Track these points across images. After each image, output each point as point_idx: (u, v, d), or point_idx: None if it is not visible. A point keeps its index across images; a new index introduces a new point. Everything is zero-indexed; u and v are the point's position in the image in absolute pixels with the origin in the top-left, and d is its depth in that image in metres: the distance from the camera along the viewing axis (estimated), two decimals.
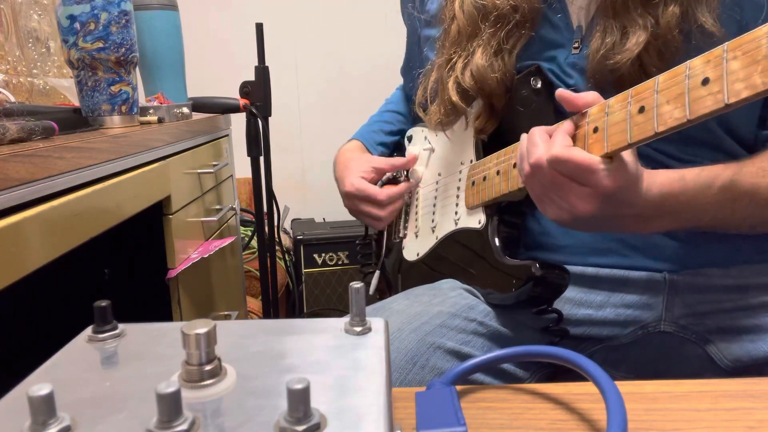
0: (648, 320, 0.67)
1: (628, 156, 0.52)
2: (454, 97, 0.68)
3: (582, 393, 0.42)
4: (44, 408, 0.23)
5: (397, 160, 0.86)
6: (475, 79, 0.66)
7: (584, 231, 0.60)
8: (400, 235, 0.90)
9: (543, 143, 0.54)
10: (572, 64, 0.65)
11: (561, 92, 0.56)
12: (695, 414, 0.40)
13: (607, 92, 0.54)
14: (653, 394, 0.43)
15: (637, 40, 0.57)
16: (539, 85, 0.65)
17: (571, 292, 0.66)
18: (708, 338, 0.66)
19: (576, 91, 0.59)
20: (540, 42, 0.66)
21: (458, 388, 0.43)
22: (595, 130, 0.52)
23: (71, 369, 0.30)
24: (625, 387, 0.42)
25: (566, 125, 0.55)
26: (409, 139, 0.92)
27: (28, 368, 0.30)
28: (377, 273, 0.96)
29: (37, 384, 0.23)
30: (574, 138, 0.54)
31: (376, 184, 0.85)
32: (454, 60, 0.69)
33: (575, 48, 0.65)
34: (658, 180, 0.55)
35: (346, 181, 0.85)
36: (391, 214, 0.85)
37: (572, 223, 0.55)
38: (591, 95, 0.55)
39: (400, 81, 1.04)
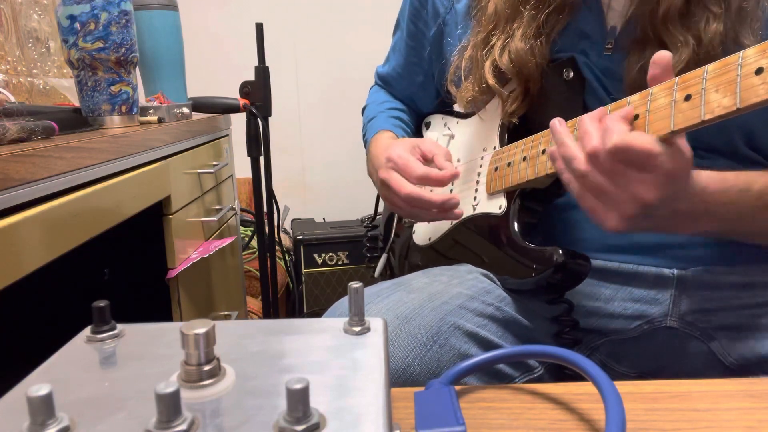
0: (655, 315, 0.67)
1: (683, 142, 0.49)
2: (490, 80, 0.68)
3: (581, 393, 0.43)
4: (43, 408, 0.23)
5: (443, 161, 0.74)
6: (513, 62, 0.66)
7: (644, 230, 0.56)
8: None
9: (597, 132, 0.51)
10: (605, 67, 0.65)
11: (552, 122, 0.57)
12: (695, 414, 0.40)
13: None
14: (653, 394, 0.43)
15: (679, 57, 0.57)
16: (571, 76, 0.65)
17: (581, 285, 0.66)
18: (713, 335, 0.66)
19: (606, 91, 0.63)
20: (575, 32, 0.67)
21: (457, 388, 0.43)
22: (636, 117, 0.52)
23: (70, 369, 0.30)
24: (625, 387, 0.42)
25: (625, 109, 0.52)
26: (427, 125, 0.91)
27: (27, 368, 0.30)
28: (384, 256, 0.96)
29: (36, 384, 0.23)
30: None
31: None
32: (492, 42, 0.69)
33: (608, 48, 0.65)
34: (701, 178, 0.54)
35: (394, 147, 0.75)
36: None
37: (636, 220, 0.51)
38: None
39: None
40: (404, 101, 0.97)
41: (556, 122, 0.56)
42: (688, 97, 0.48)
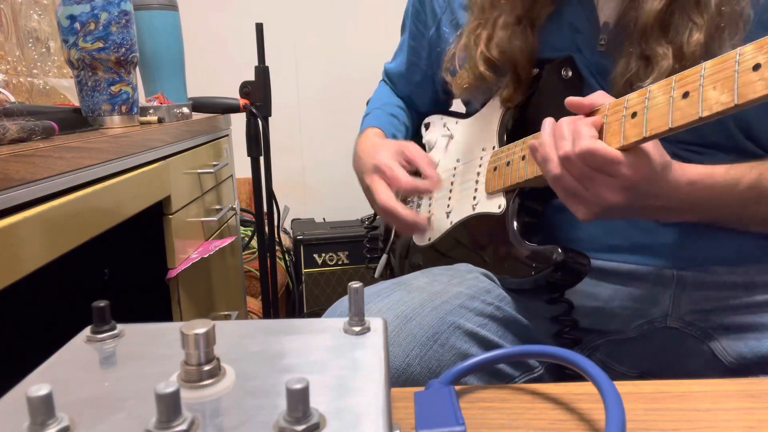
0: (654, 315, 0.67)
1: (651, 148, 0.53)
2: (481, 68, 0.70)
3: (581, 393, 0.42)
4: (43, 408, 0.23)
5: (429, 169, 0.76)
6: (499, 49, 0.68)
7: (611, 218, 0.61)
8: None
9: (570, 136, 0.55)
10: (599, 64, 0.65)
11: (569, 100, 0.57)
12: (695, 414, 0.40)
13: None
14: (653, 394, 0.43)
15: (659, 71, 0.58)
16: (570, 75, 0.66)
17: (580, 284, 0.66)
18: (713, 335, 0.66)
19: (605, 90, 0.61)
20: (567, 26, 0.67)
21: (457, 388, 0.43)
22: (634, 115, 0.52)
23: (70, 369, 0.30)
24: (625, 387, 0.42)
25: (592, 118, 0.55)
26: (426, 126, 0.91)
27: (27, 368, 0.30)
28: (384, 257, 0.96)
29: (35, 384, 0.23)
30: (610, 124, 0.54)
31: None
32: (479, 31, 0.71)
33: (601, 45, 0.65)
34: (688, 174, 0.56)
35: (381, 153, 0.77)
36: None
37: (602, 214, 0.56)
38: (598, 94, 0.57)
39: None
40: (404, 99, 0.97)
41: (546, 122, 0.59)
42: (685, 95, 0.48)
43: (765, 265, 0.66)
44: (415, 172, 0.77)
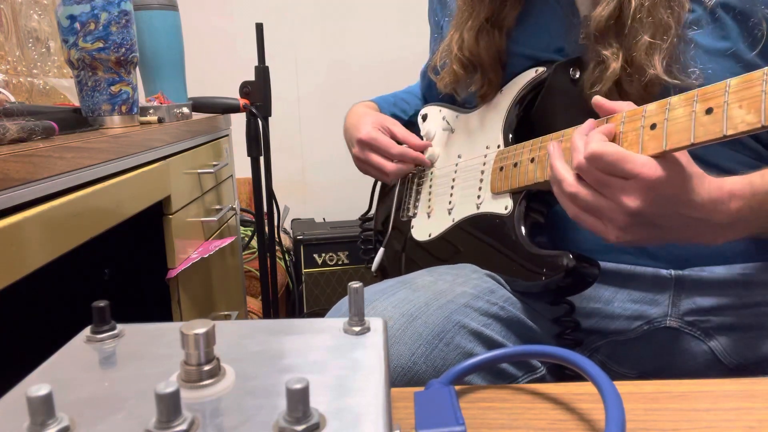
0: (654, 315, 0.67)
1: (678, 153, 0.50)
2: (455, 67, 0.74)
3: (582, 393, 0.43)
4: (43, 408, 0.23)
5: (413, 137, 0.87)
6: (469, 51, 0.72)
7: (653, 242, 0.56)
8: (410, 213, 0.90)
9: (582, 146, 0.53)
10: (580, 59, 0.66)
11: (596, 98, 0.56)
12: (695, 414, 0.40)
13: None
14: (653, 394, 0.43)
15: (607, 74, 0.60)
16: (578, 76, 0.66)
17: None
18: (713, 335, 0.66)
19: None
20: (542, 30, 0.67)
21: (457, 388, 0.43)
22: (653, 126, 0.50)
23: (70, 369, 0.30)
24: (625, 387, 0.42)
25: (604, 126, 0.54)
26: (424, 117, 0.92)
27: (27, 368, 0.30)
28: (381, 250, 0.95)
29: (36, 384, 0.23)
30: (626, 133, 0.53)
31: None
32: (453, 32, 0.75)
33: (582, 38, 0.64)
34: (726, 186, 0.52)
35: (362, 128, 0.87)
36: (398, 171, 0.87)
37: (633, 230, 0.52)
38: (624, 103, 0.55)
39: (401, 82, 1.05)
40: (424, 96, 1.01)
41: (550, 146, 0.59)
42: (709, 111, 0.46)
43: (764, 264, 0.66)
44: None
